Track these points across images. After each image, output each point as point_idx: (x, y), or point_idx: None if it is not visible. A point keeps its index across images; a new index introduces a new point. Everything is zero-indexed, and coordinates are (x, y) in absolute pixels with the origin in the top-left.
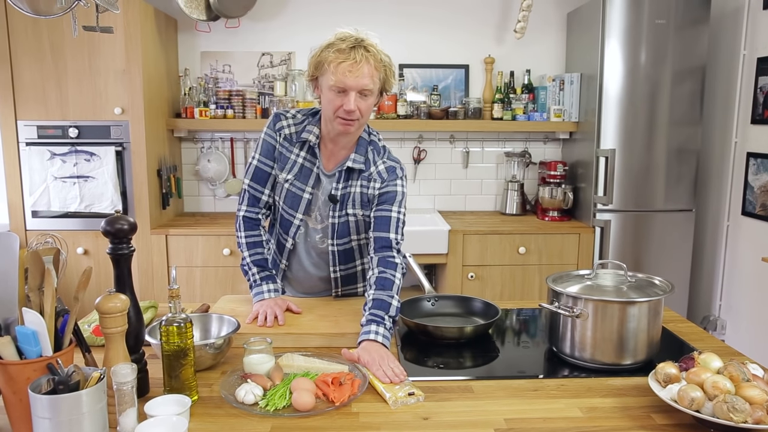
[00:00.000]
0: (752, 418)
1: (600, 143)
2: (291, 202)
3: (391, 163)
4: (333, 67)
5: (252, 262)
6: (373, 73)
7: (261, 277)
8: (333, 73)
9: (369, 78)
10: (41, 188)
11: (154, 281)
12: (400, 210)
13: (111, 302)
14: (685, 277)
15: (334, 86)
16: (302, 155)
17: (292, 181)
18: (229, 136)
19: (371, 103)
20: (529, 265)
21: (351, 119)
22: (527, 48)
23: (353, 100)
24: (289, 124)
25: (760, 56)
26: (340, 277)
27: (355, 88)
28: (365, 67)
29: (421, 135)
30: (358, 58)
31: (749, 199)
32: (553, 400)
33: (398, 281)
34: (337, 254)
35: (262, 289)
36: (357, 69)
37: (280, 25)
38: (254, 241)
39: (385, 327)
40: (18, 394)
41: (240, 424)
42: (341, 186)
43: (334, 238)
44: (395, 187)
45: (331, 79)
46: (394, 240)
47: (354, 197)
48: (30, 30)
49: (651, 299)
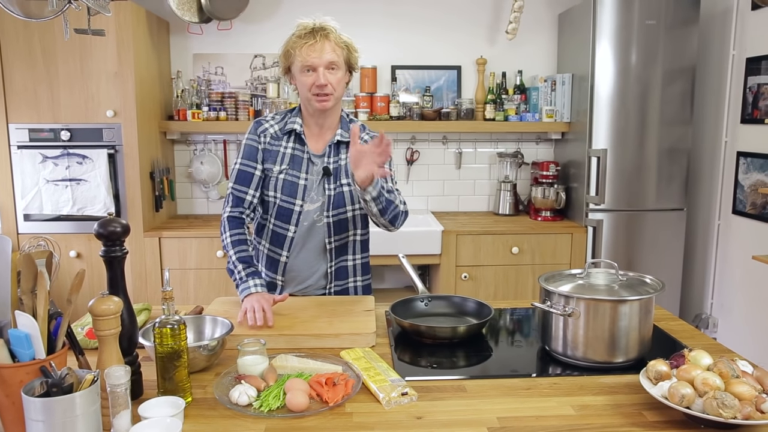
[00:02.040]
0: (741, 413)
1: (592, 143)
2: (289, 190)
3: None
4: (298, 50)
5: (238, 259)
6: (335, 49)
7: (247, 273)
8: (299, 55)
9: (332, 53)
10: (33, 191)
11: (148, 284)
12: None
13: (104, 305)
14: (677, 276)
15: (303, 67)
16: (290, 145)
17: (287, 170)
18: (222, 138)
19: (340, 77)
20: (522, 265)
21: (325, 93)
22: (519, 49)
23: (322, 75)
24: (271, 124)
25: (749, 56)
26: (335, 248)
27: (321, 64)
28: (326, 45)
29: (413, 136)
30: (318, 38)
31: (739, 197)
32: (545, 399)
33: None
34: (332, 225)
35: (248, 284)
36: (319, 47)
37: (272, 27)
38: (239, 239)
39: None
40: (11, 397)
41: (234, 425)
42: (332, 160)
43: (329, 209)
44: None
45: (299, 61)
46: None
47: (347, 168)
48: (21, 33)
49: (642, 297)
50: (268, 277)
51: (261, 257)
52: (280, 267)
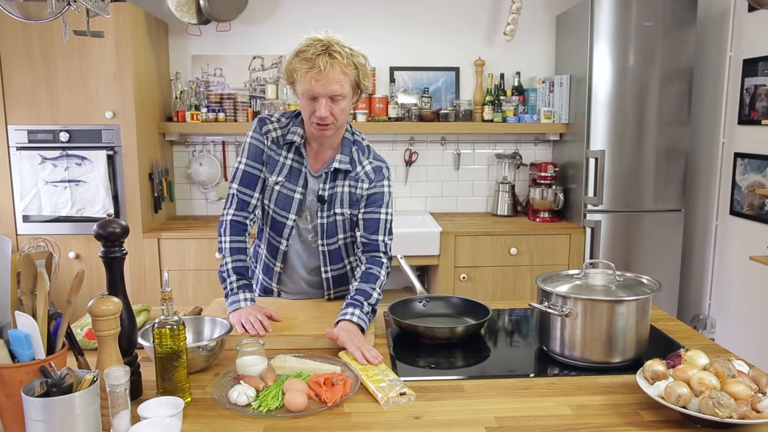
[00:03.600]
0: (737, 413)
1: (590, 144)
2: (282, 203)
3: (377, 163)
4: (300, 76)
5: (232, 268)
6: (341, 78)
7: (238, 286)
8: (301, 82)
9: (337, 84)
10: (32, 193)
11: (147, 285)
12: (388, 211)
13: (104, 305)
14: (675, 277)
15: (304, 94)
16: (290, 157)
17: (282, 183)
18: (221, 139)
19: (344, 106)
20: (520, 266)
21: (325, 124)
22: (517, 50)
23: (324, 107)
24: (275, 127)
25: (746, 58)
26: (332, 277)
27: (324, 95)
28: (331, 74)
29: (412, 137)
30: (322, 66)
31: (737, 198)
32: (542, 399)
33: (383, 277)
34: (327, 254)
35: (238, 297)
36: (323, 77)
37: (271, 28)
38: (238, 247)
39: (362, 311)
40: (11, 397)
41: (233, 425)
42: (328, 186)
43: (323, 238)
44: (382, 188)
45: (301, 86)
46: (383, 243)
47: (342, 197)
48: (20, 35)
49: (639, 298)
50: (265, 282)
51: (259, 261)
52: (274, 276)
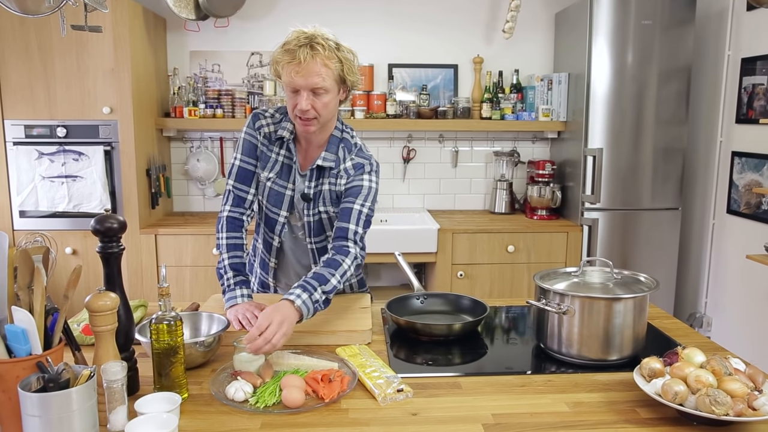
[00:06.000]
0: (733, 410)
1: (588, 142)
2: (274, 200)
3: (359, 159)
4: (282, 67)
5: (229, 265)
6: (322, 71)
7: (235, 282)
8: (283, 74)
9: (318, 76)
10: (29, 188)
11: (144, 281)
12: (365, 204)
13: (101, 300)
14: (672, 275)
15: (287, 86)
16: (282, 153)
17: (274, 179)
18: (219, 135)
19: (327, 101)
20: (517, 264)
21: (307, 118)
22: (516, 48)
23: (305, 100)
24: (268, 123)
25: (745, 57)
26: None
27: (305, 87)
28: (312, 66)
29: (410, 134)
30: (302, 58)
31: (734, 197)
32: (540, 396)
33: (346, 266)
34: (317, 252)
35: (235, 293)
36: (303, 69)
37: (269, 24)
38: (235, 243)
39: (311, 297)
40: (7, 392)
41: (230, 421)
42: (313, 185)
43: (311, 236)
44: (361, 181)
45: (284, 78)
46: (353, 231)
47: (324, 195)
48: (17, 29)
49: (636, 295)
50: (262, 276)
51: (257, 255)
52: (270, 271)
